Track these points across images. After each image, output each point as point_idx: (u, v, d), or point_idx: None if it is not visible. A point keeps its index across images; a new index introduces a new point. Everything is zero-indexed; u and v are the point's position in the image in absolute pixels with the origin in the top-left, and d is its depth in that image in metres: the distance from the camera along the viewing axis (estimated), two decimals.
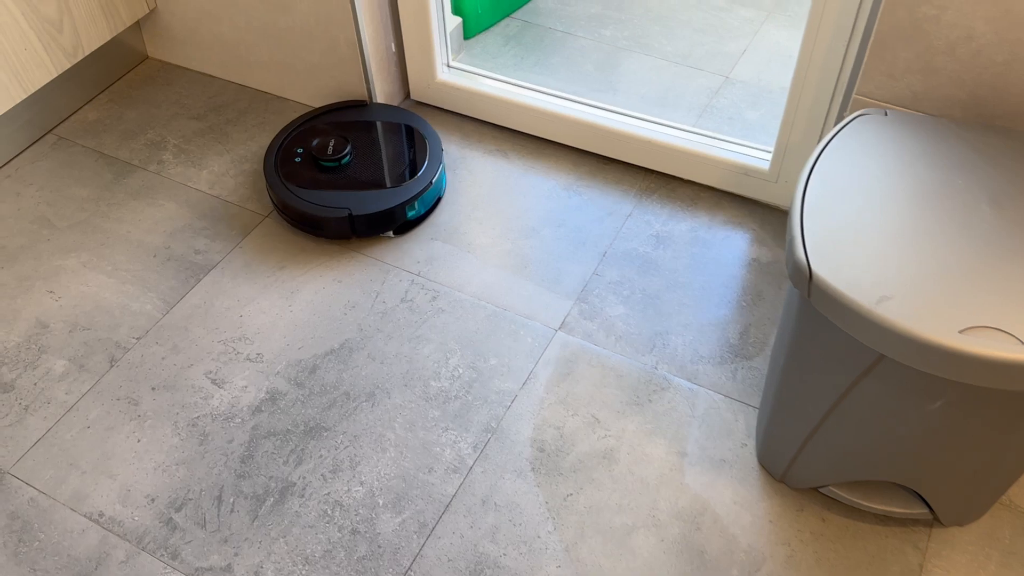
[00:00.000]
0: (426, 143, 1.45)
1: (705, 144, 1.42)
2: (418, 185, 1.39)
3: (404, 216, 1.38)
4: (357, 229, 1.36)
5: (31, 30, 1.39)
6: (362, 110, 1.52)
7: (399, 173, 1.41)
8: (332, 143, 1.44)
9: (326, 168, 1.42)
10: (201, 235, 1.40)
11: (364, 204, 1.36)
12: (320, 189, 1.38)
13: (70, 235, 1.40)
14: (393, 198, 1.37)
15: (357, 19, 1.41)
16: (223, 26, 1.56)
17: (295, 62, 1.55)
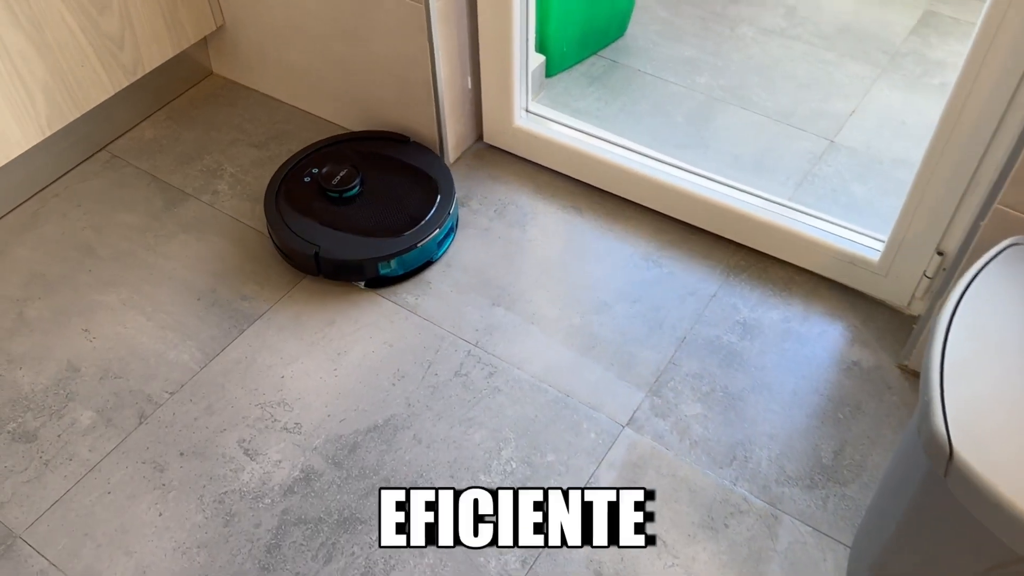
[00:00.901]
0: (439, 200, 1.32)
1: (806, 224, 1.27)
2: (402, 243, 1.27)
3: (375, 271, 1.27)
4: (323, 270, 1.28)
5: (89, 46, 1.32)
6: (397, 146, 1.42)
7: (394, 224, 1.29)
8: (342, 174, 1.33)
9: (328, 197, 1.33)
10: (251, 279, 1.31)
11: (337, 246, 1.26)
12: (309, 217, 1.30)
13: (113, 267, 1.32)
14: (368, 249, 1.26)
15: (434, 57, 1.30)
16: (293, 51, 1.47)
17: (365, 96, 1.44)
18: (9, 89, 1.23)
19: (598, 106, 1.59)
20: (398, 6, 1.26)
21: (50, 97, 1.29)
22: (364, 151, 1.41)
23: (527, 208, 1.40)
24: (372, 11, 1.30)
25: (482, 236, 1.35)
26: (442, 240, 1.32)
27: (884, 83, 1.64)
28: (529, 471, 1.08)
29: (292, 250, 1.28)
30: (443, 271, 1.31)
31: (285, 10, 1.40)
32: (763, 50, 1.71)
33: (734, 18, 1.78)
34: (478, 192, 1.42)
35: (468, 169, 1.46)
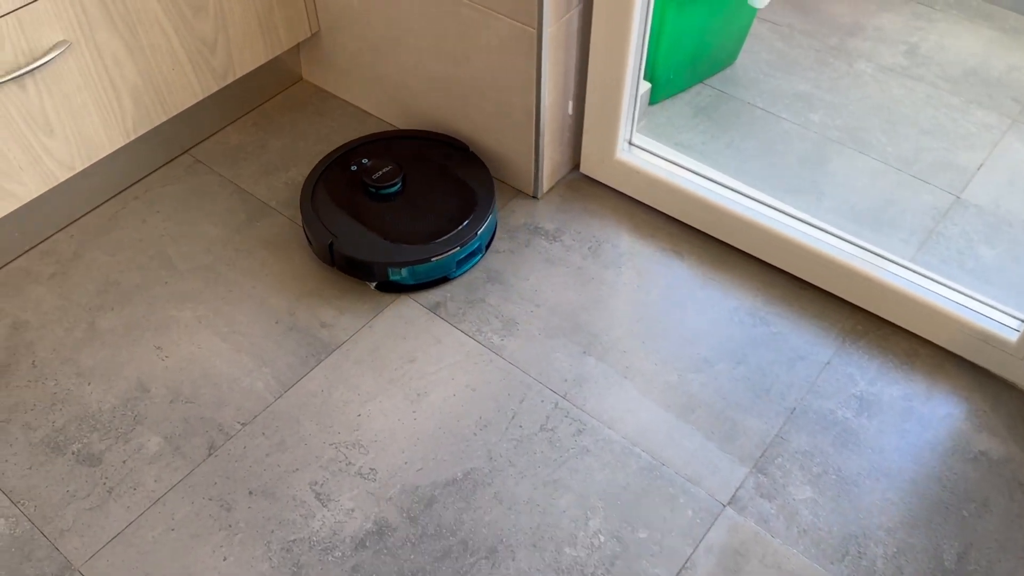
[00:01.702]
0: (470, 218, 1.26)
1: (933, 291, 1.16)
2: (417, 254, 1.22)
3: (384, 275, 1.24)
4: (337, 262, 1.26)
5: (182, 48, 1.27)
6: (453, 153, 1.36)
7: (419, 232, 1.25)
8: (385, 170, 1.30)
9: (366, 190, 1.30)
10: (330, 305, 1.24)
11: (355, 242, 1.24)
12: (340, 206, 1.28)
13: (190, 281, 1.27)
14: (382, 252, 1.23)
15: (541, 83, 1.22)
16: (388, 65, 1.40)
17: (459, 116, 1.37)
18: (99, 91, 1.19)
19: (703, 140, 1.49)
20: (508, 29, 1.18)
21: (138, 100, 1.25)
22: (418, 152, 1.37)
23: (623, 248, 1.31)
24: (478, 32, 1.22)
25: (575, 275, 1.27)
26: (463, 260, 1.27)
27: (1015, 135, 1.51)
28: (619, 547, 1.00)
29: (311, 234, 1.26)
30: (531, 311, 1.23)
31: (385, 22, 1.34)
32: (882, 90, 1.59)
33: (851, 53, 1.66)
34: (571, 226, 1.34)
35: (561, 201, 1.37)
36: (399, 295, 1.25)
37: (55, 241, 1.32)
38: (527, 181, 1.37)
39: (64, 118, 1.17)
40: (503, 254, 1.30)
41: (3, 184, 1.14)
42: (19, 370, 1.16)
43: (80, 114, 1.18)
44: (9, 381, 1.15)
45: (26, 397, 1.13)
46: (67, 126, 1.18)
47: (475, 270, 1.28)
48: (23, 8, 1.06)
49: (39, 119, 1.14)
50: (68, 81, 1.15)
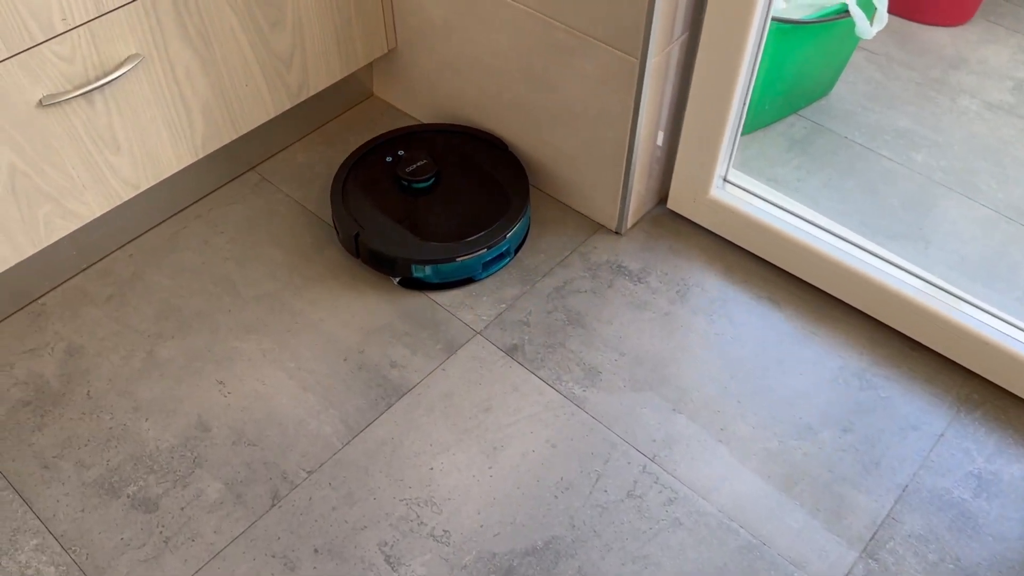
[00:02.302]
0: (501, 221, 1.22)
1: None
2: (443, 252, 1.19)
3: (408, 272, 1.21)
4: (361, 254, 1.23)
5: (256, 63, 1.20)
6: (490, 152, 1.32)
7: (447, 230, 1.22)
8: (419, 164, 1.28)
9: (399, 183, 1.28)
10: (401, 342, 1.17)
11: (381, 235, 1.21)
12: (370, 197, 1.26)
13: (255, 309, 1.20)
14: (408, 248, 1.20)
15: (638, 114, 1.13)
16: (466, 85, 1.32)
17: (539, 143, 1.29)
18: (169, 107, 1.12)
19: (798, 176, 1.40)
20: (607, 58, 1.10)
21: (209, 117, 1.18)
22: (454, 147, 1.34)
23: (715, 293, 1.22)
24: (573, 59, 1.14)
25: (662, 322, 1.18)
26: (490, 262, 1.23)
27: None
28: None
29: (338, 224, 1.24)
30: (615, 359, 1.14)
31: (467, 42, 1.26)
32: (990, 129, 1.48)
33: (955, 87, 1.55)
34: (658, 267, 1.25)
35: (647, 238, 1.29)
36: (474, 335, 1.17)
37: (113, 260, 1.25)
38: (610, 216, 1.28)
39: (132, 135, 1.10)
40: (584, 295, 1.21)
41: (66, 203, 1.08)
42: (74, 401, 1.10)
43: (148, 131, 1.12)
44: (63, 412, 1.09)
45: (80, 431, 1.07)
46: (134, 143, 1.11)
47: (555, 311, 1.20)
48: (96, 20, 1.00)
49: (106, 136, 1.08)
50: (138, 96, 1.08)
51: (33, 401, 1.10)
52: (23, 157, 1.01)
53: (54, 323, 1.18)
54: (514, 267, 1.25)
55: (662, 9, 1.03)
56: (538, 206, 1.33)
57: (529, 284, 1.23)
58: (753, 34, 1.06)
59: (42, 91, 0.99)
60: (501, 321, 1.19)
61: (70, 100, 1.02)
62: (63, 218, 1.09)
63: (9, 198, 1.02)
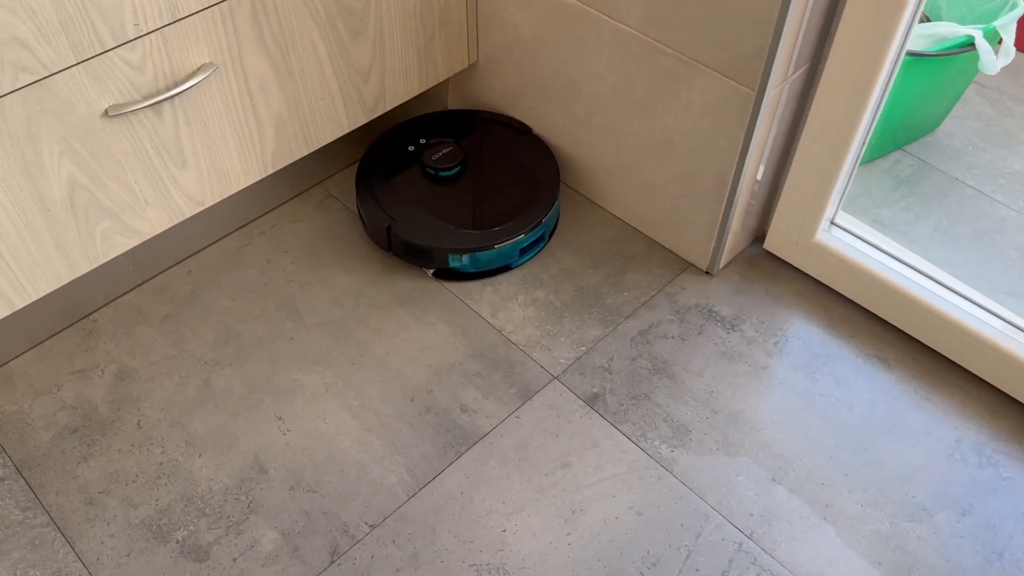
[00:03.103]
0: (534, 205, 1.19)
1: None
2: (480, 240, 1.16)
3: (445, 262, 1.17)
4: (393, 247, 1.19)
5: (334, 76, 1.12)
6: (514, 136, 1.28)
7: (480, 218, 1.19)
8: (446, 151, 1.24)
9: (424, 172, 1.23)
10: (473, 383, 1.08)
11: (413, 226, 1.17)
12: (397, 188, 1.21)
13: (318, 337, 1.12)
14: (443, 238, 1.16)
15: (748, 149, 1.03)
16: (552, 107, 1.23)
17: (631, 176, 1.19)
18: (240, 119, 1.05)
19: (906, 219, 1.29)
20: (719, 87, 1.00)
21: (281, 131, 1.10)
22: (477, 131, 1.29)
23: (817, 348, 1.11)
24: (680, 87, 1.04)
25: (758, 377, 1.08)
26: (527, 248, 1.20)
27: None
28: None
29: (368, 218, 1.19)
30: (708, 417, 1.04)
31: (559, 61, 1.17)
32: None
33: None
34: (753, 314, 1.15)
35: (740, 280, 1.19)
36: (551, 380, 1.08)
37: (171, 276, 1.18)
38: (702, 254, 1.18)
39: (199, 148, 1.03)
40: (672, 340, 1.12)
41: (126, 219, 1.01)
42: (123, 430, 1.03)
43: (217, 144, 1.04)
44: (112, 443, 1.02)
45: (129, 465, 1.00)
46: (201, 157, 1.04)
47: (640, 358, 1.10)
48: (170, 26, 0.92)
49: (172, 149, 1.00)
50: (208, 108, 1.01)
51: (80, 428, 1.03)
52: (84, 170, 0.94)
53: (106, 342, 1.11)
54: (595, 306, 1.16)
55: (787, 38, 0.93)
56: (621, 239, 1.23)
57: (611, 326, 1.14)
58: (887, 67, 0.96)
59: (109, 100, 0.92)
60: (581, 366, 1.09)
61: (138, 111, 0.94)
62: (122, 234, 1.02)
63: (67, 213, 0.95)
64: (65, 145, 0.91)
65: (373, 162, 1.24)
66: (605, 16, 1.07)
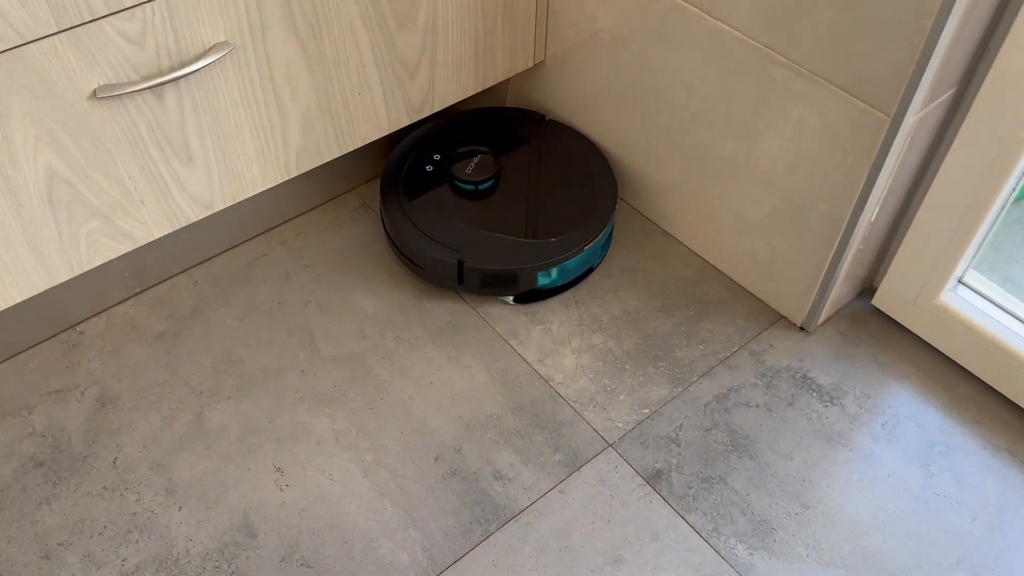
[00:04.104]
0: (595, 191, 1.06)
1: None
2: (562, 248, 1.00)
3: (533, 283, 1.01)
4: (466, 282, 1.01)
5: (375, 67, 0.95)
6: (530, 127, 1.13)
7: (545, 224, 1.03)
8: (476, 161, 1.07)
9: (459, 190, 1.06)
10: (510, 444, 0.90)
11: (484, 253, 1.00)
12: (441, 215, 1.03)
13: (333, 373, 0.96)
14: (523, 256, 1.00)
15: (873, 185, 0.84)
16: (627, 118, 1.04)
17: (715, 206, 1.00)
18: (260, 111, 0.89)
19: None
20: (843, 109, 0.81)
21: (308, 128, 0.94)
22: (493, 131, 1.13)
23: (935, 434, 0.91)
24: (791, 104, 0.85)
25: (861, 466, 0.88)
26: (605, 243, 1.07)
27: None
28: None
29: (428, 259, 1.00)
30: (798, 514, 0.85)
31: (640, 65, 0.98)
32: None
33: None
34: (857, 385, 0.95)
35: (842, 341, 0.99)
36: (605, 448, 0.90)
37: (172, 287, 1.03)
38: (798, 306, 0.99)
39: (209, 143, 0.87)
40: (755, 411, 0.93)
41: (117, 220, 0.85)
42: (97, 468, 0.87)
43: (231, 139, 0.88)
44: (81, 483, 0.86)
45: (97, 513, 0.84)
46: (211, 153, 0.88)
47: (715, 429, 0.91)
48: None
49: (176, 141, 0.85)
50: (221, 96, 0.85)
51: (48, 462, 0.88)
52: (67, 161, 0.79)
53: (90, 360, 0.96)
54: (663, 359, 0.97)
55: (939, 54, 0.74)
56: (699, 280, 1.04)
57: (681, 385, 0.95)
58: None
59: (99, 79, 0.76)
60: (642, 433, 0.91)
61: (134, 94, 0.79)
62: (112, 238, 0.86)
63: (45, 210, 0.80)
64: (43, 129, 0.76)
65: (401, 193, 1.05)
66: (705, 14, 0.88)
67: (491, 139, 1.11)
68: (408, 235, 1.01)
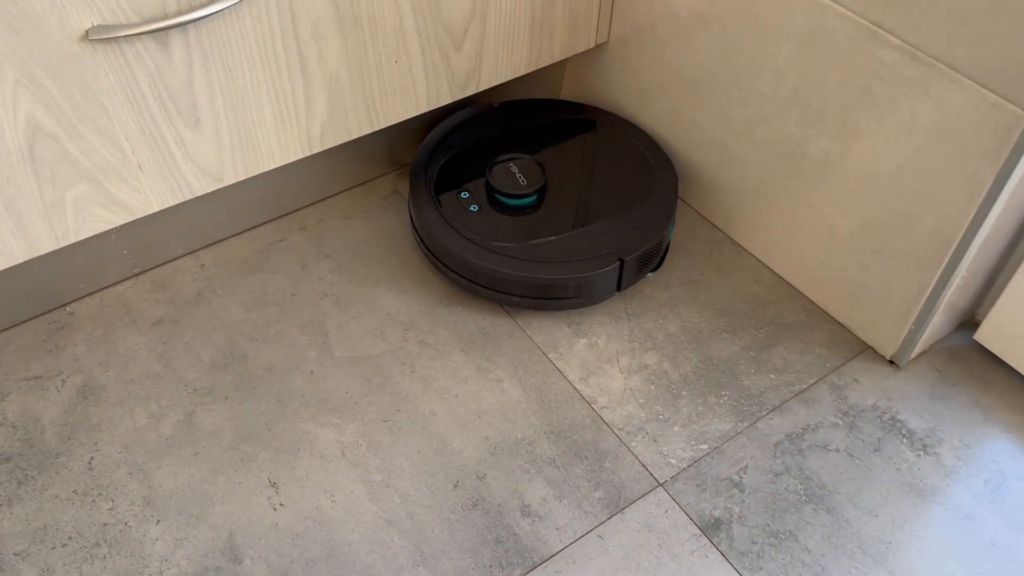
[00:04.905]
0: (647, 157, 0.96)
1: None
2: (656, 204, 0.90)
3: (667, 242, 0.92)
4: (624, 280, 0.89)
5: (416, 35, 0.84)
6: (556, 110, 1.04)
7: (616, 205, 0.91)
8: (516, 174, 0.92)
9: (503, 206, 0.91)
10: (543, 474, 0.78)
11: (624, 239, 0.87)
12: (508, 241, 0.88)
13: (346, 377, 0.84)
14: (650, 219, 0.89)
15: (998, 195, 0.70)
16: (700, 109, 0.91)
17: (805, 215, 0.86)
18: (281, 72, 0.78)
19: None
20: (970, 101, 0.67)
21: (336, 98, 0.83)
22: (514, 128, 0.99)
23: None
24: (905, 96, 0.71)
25: (961, 528, 0.74)
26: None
27: None
28: None
29: (586, 280, 0.85)
30: None
31: (721, 49, 0.85)
32: None
33: None
34: (955, 433, 0.80)
35: (938, 379, 0.84)
36: (655, 488, 0.76)
37: (176, 269, 0.93)
38: (889, 336, 0.85)
39: (220, 104, 0.76)
40: (835, 455, 0.79)
41: (111, 187, 0.75)
42: (69, 469, 0.76)
43: (246, 102, 0.78)
44: (50, 484, 0.75)
45: (64, 520, 0.73)
46: (222, 117, 0.77)
47: (786, 474, 0.77)
48: None
49: (181, 100, 0.74)
50: (236, 50, 0.74)
51: (15, 457, 0.77)
52: (52, 112, 0.68)
53: (77, 344, 0.85)
54: (727, 387, 0.84)
55: None
56: (772, 300, 0.91)
57: (747, 419, 0.81)
58: None
59: (92, 19, 0.66)
60: (699, 473, 0.78)
61: (133, 38, 0.68)
62: (103, 207, 0.76)
63: (26, 169, 0.70)
64: (24, 72, 0.65)
65: (449, 234, 0.88)
66: None
67: (520, 139, 0.97)
68: (536, 271, 0.86)
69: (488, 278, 0.86)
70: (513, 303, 0.88)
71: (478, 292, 0.88)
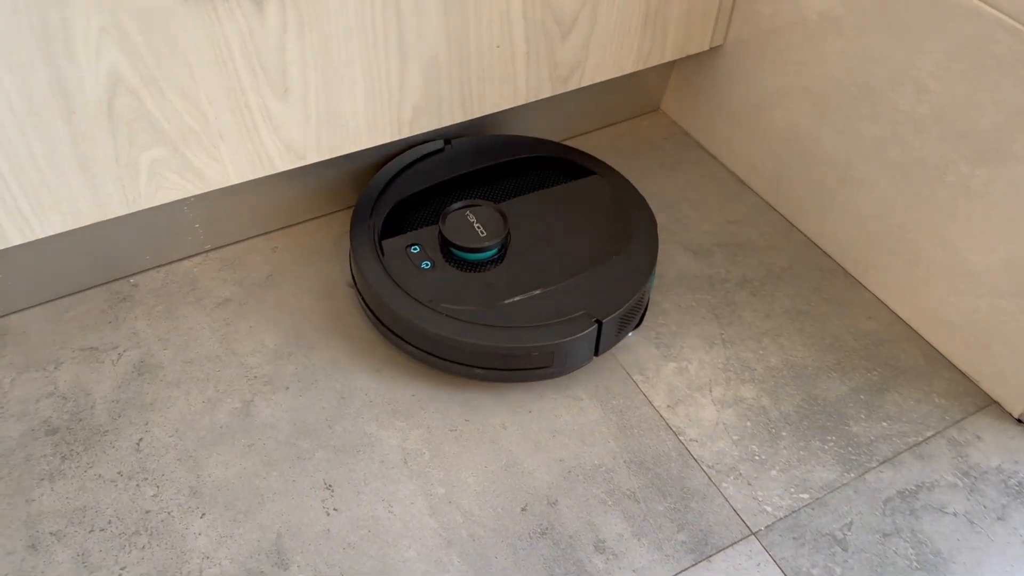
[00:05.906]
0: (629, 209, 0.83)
1: None
2: (635, 256, 0.79)
3: (647, 297, 0.81)
4: (602, 343, 0.76)
5: (522, 19, 0.78)
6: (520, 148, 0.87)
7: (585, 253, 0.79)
8: (476, 224, 0.79)
9: (467, 264, 0.78)
10: (620, 508, 0.70)
11: (602, 298, 0.75)
12: (466, 305, 0.75)
13: (414, 378, 0.77)
14: (629, 272, 0.77)
15: None
16: (823, 125, 0.84)
17: (934, 248, 0.78)
18: (378, 48, 0.73)
19: None
20: None
21: (432, 80, 0.77)
22: (449, 168, 0.87)
23: None
24: None
25: None
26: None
27: None
28: None
29: (559, 347, 0.72)
30: None
31: (855, 58, 0.77)
32: None
33: None
34: None
35: None
36: (747, 536, 0.68)
37: (247, 249, 0.88)
38: (1019, 391, 0.76)
39: (311, 75, 0.71)
40: (952, 519, 0.70)
41: (188, 153, 0.71)
42: (116, 448, 0.72)
43: (339, 75, 0.73)
44: (95, 463, 0.71)
45: (105, 503, 0.69)
46: (311, 89, 0.72)
47: (896, 536, 0.68)
48: None
49: (272, 67, 0.69)
50: (334, 18, 0.69)
51: (62, 429, 0.73)
52: (135, 66, 0.64)
53: (137, 317, 0.81)
54: (832, 432, 0.75)
55: None
56: (888, 339, 0.82)
57: (855, 470, 0.73)
58: None
59: None
60: (797, 524, 0.69)
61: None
62: (179, 174, 0.72)
63: (102, 123, 0.66)
64: (111, 20, 0.61)
65: (411, 305, 0.74)
66: None
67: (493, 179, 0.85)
68: (502, 339, 0.72)
69: (446, 349, 0.73)
70: (476, 376, 0.74)
71: (434, 364, 0.75)
